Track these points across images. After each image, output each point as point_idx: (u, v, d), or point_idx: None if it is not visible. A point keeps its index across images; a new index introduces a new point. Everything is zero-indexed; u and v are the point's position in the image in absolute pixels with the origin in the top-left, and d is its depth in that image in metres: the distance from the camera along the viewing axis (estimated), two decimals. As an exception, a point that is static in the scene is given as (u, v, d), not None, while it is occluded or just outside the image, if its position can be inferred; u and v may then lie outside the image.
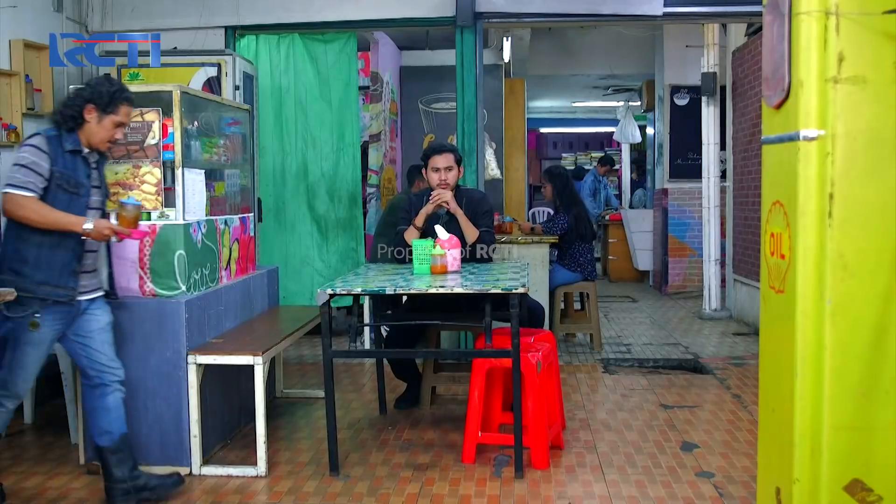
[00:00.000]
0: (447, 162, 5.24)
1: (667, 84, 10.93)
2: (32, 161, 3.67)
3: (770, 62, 2.81)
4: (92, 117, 3.81)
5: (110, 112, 3.83)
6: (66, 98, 3.88)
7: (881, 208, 2.54)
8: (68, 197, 3.75)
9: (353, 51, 7.42)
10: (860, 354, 2.56)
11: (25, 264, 3.69)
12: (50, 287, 3.70)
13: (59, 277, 3.73)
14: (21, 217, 3.65)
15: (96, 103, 3.80)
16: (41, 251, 3.70)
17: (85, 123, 3.81)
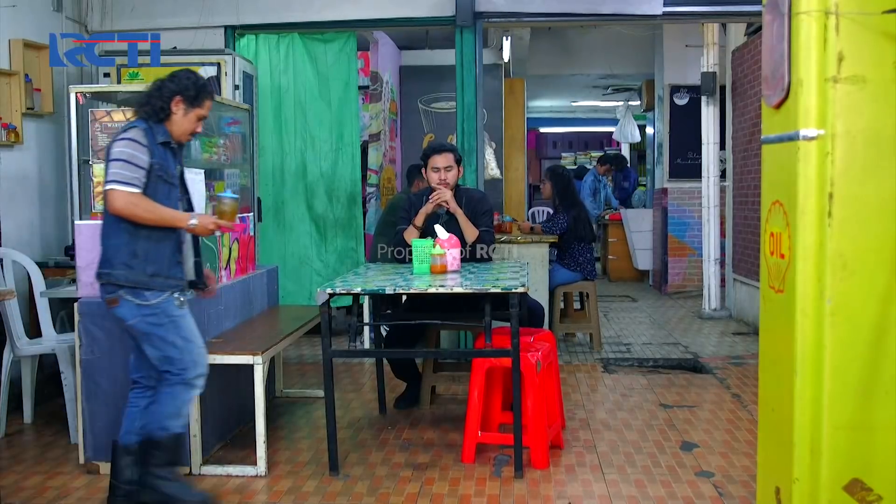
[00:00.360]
0: (447, 161, 5.23)
1: (666, 84, 10.93)
2: (132, 155, 3.65)
3: (770, 62, 2.80)
4: (179, 110, 3.82)
5: (196, 105, 3.85)
6: (150, 90, 3.85)
7: (881, 208, 2.54)
8: (167, 188, 3.79)
9: (353, 50, 7.42)
10: (860, 354, 2.56)
11: (135, 258, 3.71)
12: (161, 278, 3.74)
13: (168, 269, 3.78)
14: (131, 215, 3.65)
15: (184, 96, 3.81)
16: (149, 245, 3.72)
17: (171, 115, 3.81)
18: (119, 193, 3.62)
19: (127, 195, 3.63)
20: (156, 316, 3.73)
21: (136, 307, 3.71)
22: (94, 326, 4.31)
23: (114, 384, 4.31)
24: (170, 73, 3.89)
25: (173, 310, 3.78)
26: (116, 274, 3.70)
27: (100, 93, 4.96)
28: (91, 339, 4.32)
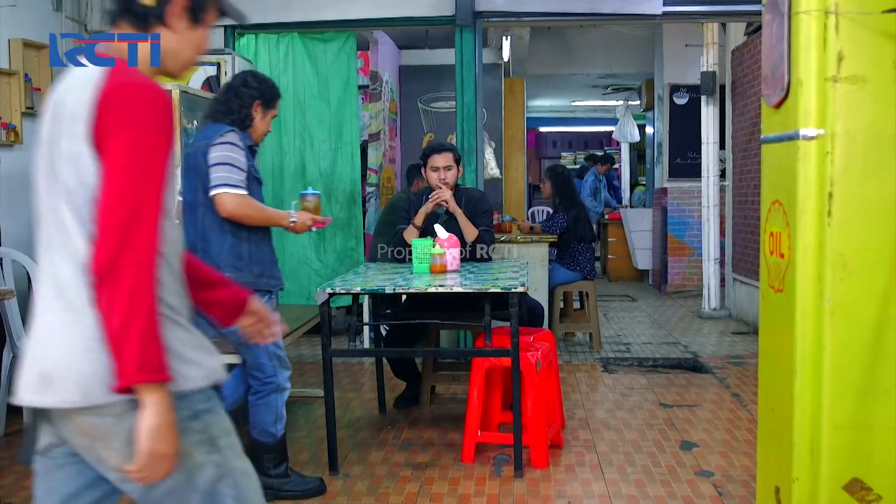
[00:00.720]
0: (446, 161, 5.23)
1: (666, 83, 10.93)
2: (235, 158, 3.74)
3: (769, 61, 2.81)
4: (258, 114, 3.93)
5: (271, 107, 3.98)
6: (228, 96, 3.92)
7: (881, 207, 2.54)
8: (259, 188, 3.92)
9: (353, 50, 7.42)
10: (860, 353, 2.56)
11: (241, 260, 3.80)
12: (266, 279, 3.88)
13: (271, 269, 3.92)
14: (242, 217, 3.77)
15: (262, 100, 3.92)
16: (251, 246, 3.83)
17: (253, 120, 3.91)
18: (230, 196, 3.70)
19: (237, 197, 3.72)
20: (266, 292, 3.84)
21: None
22: (93, 326, 4.30)
23: (113, 384, 4.30)
24: (240, 78, 3.98)
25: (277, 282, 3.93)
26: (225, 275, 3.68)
27: (99, 92, 4.96)
28: (91, 339, 4.30)
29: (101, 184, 1.75)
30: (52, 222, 1.84)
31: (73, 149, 1.79)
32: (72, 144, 1.79)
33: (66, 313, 1.80)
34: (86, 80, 1.88)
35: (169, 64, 2.05)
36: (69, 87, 1.91)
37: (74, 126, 1.80)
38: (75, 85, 1.91)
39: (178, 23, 2.00)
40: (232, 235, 3.80)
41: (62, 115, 1.84)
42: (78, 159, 1.79)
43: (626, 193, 15.61)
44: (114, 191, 1.73)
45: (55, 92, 1.94)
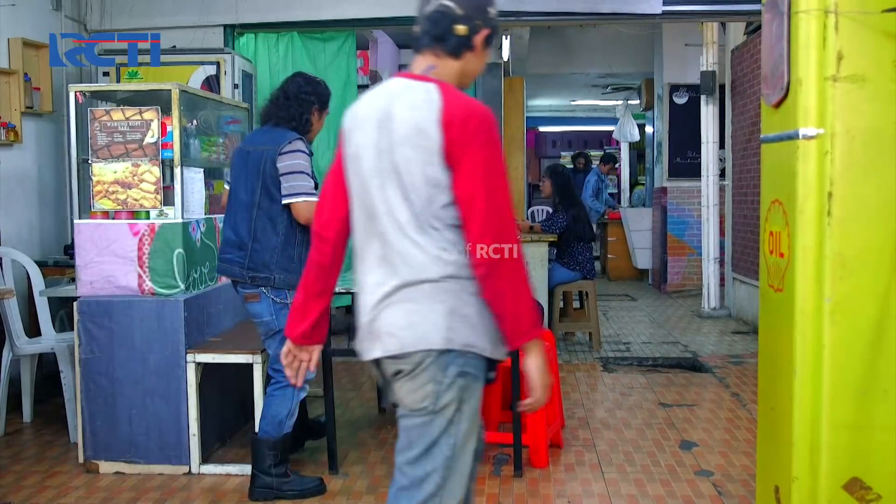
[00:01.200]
0: None
1: (666, 83, 10.93)
2: (306, 166, 3.96)
3: (769, 61, 2.81)
4: (315, 117, 4.15)
5: (325, 109, 4.19)
6: (289, 102, 4.07)
7: (880, 207, 2.54)
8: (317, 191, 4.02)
9: (352, 49, 7.41)
10: (859, 353, 2.56)
11: (292, 262, 3.96)
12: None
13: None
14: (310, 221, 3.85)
15: (319, 103, 4.14)
16: (301, 250, 3.95)
17: (312, 125, 4.14)
18: (307, 205, 3.87)
19: (314, 205, 3.73)
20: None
21: (274, 304, 3.97)
22: (93, 326, 4.31)
23: (113, 383, 4.31)
24: (295, 84, 4.12)
25: None
26: (274, 277, 3.96)
27: (99, 92, 4.96)
28: (90, 339, 4.32)
29: (470, 194, 2.19)
30: (384, 212, 2.26)
31: (421, 157, 2.20)
32: (419, 153, 2.20)
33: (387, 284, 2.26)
34: (423, 101, 2.23)
35: (466, 80, 2.42)
36: (401, 104, 2.25)
37: (423, 140, 2.19)
38: (409, 103, 2.24)
39: (479, 48, 2.38)
40: (284, 238, 3.97)
41: (398, 127, 2.23)
42: (426, 166, 2.20)
43: (626, 193, 15.61)
44: (486, 201, 2.17)
45: (373, 105, 2.33)
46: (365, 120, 2.33)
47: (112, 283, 4.35)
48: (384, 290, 2.27)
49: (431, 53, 2.37)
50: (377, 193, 2.28)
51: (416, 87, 2.28)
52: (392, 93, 2.32)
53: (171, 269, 4.34)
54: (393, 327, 2.25)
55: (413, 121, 2.21)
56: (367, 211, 2.32)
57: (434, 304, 2.23)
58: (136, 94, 4.79)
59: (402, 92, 2.30)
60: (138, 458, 4.34)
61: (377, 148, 2.27)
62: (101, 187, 4.35)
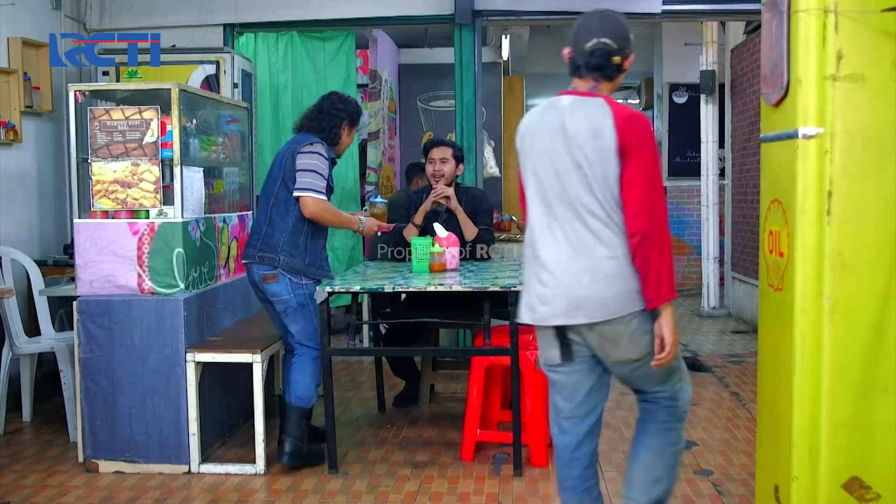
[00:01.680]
0: (442, 154, 5.25)
1: (665, 82, 10.93)
2: (322, 167, 4.36)
3: (769, 60, 2.81)
4: (344, 132, 4.56)
5: (355, 125, 4.62)
6: (322, 114, 4.51)
7: (880, 206, 2.54)
8: (331, 195, 4.51)
9: (352, 48, 7.41)
10: (859, 352, 2.56)
11: (297, 248, 4.38)
12: (315, 268, 4.45)
13: (321, 261, 4.50)
14: (321, 219, 4.40)
15: (349, 119, 4.56)
16: (307, 238, 4.41)
17: (340, 138, 4.55)
18: (313, 200, 4.31)
19: (319, 202, 4.33)
20: (305, 297, 4.37)
21: (292, 285, 4.38)
22: (93, 325, 4.31)
23: (112, 382, 4.32)
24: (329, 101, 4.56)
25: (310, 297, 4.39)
26: (279, 258, 4.37)
27: (99, 91, 4.95)
28: (90, 338, 4.32)
29: (632, 178, 2.74)
30: (572, 199, 2.82)
31: (599, 155, 2.77)
32: (597, 153, 2.77)
33: (589, 261, 2.78)
34: (597, 111, 2.81)
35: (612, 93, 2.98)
36: (577, 115, 2.84)
37: (601, 141, 2.76)
38: (585, 114, 2.83)
39: (627, 69, 2.96)
40: (293, 226, 4.37)
41: (577, 133, 2.81)
42: (605, 161, 2.76)
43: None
44: (644, 184, 2.72)
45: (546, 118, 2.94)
46: (541, 129, 2.93)
47: (112, 282, 4.35)
48: (578, 266, 2.81)
49: (591, 78, 2.94)
50: (563, 186, 2.84)
51: (587, 101, 2.86)
52: (562, 107, 2.90)
53: (171, 269, 4.34)
54: (599, 296, 2.79)
55: (591, 127, 2.79)
56: (551, 201, 2.89)
57: (628, 275, 2.78)
58: (135, 94, 4.79)
59: (573, 106, 2.88)
60: (138, 458, 4.34)
61: (557, 151, 2.85)
62: (100, 187, 4.35)
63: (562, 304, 2.83)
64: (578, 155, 2.80)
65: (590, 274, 2.78)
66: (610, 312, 2.78)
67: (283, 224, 4.38)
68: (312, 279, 4.43)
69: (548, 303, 2.86)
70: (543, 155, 2.90)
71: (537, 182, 2.93)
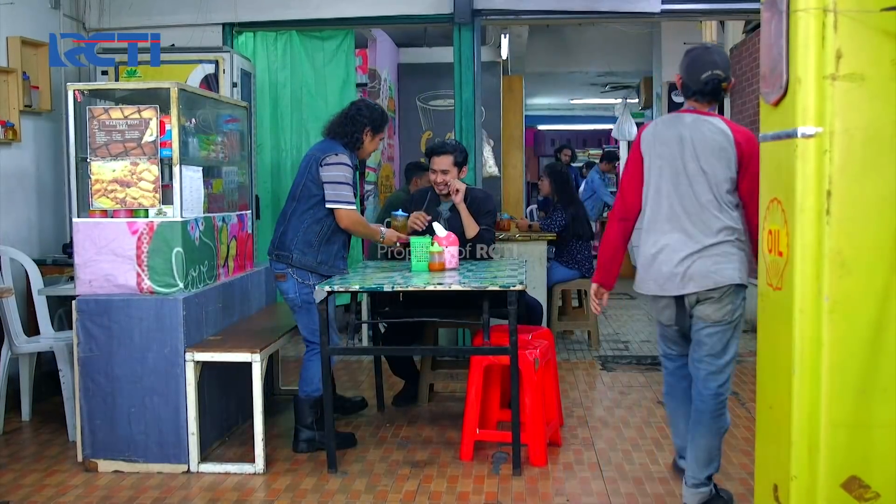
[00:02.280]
0: (444, 164, 5.22)
1: (664, 81, 10.91)
2: (348, 177, 4.61)
3: (768, 59, 2.81)
4: (367, 138, 4.77)
5: (379, 131, 4.81)
6: (344, 119, 4.73)
7: (879, 205, 2.54)
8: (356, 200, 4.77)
9: (351, 48, 7.41)
10: (858, 351, 2.56)
11: (309, 246, 4.61)
12: (326, 266, 4.64)
13: (334, 260, 4.69)
14: (355, 231, 4.76)
15: (372, 126, 4.74)
16: (321, 238, 4.63)
17: (362, 143, 4.75)
18: (348, 212, 4.61)
19: (352, 213, 4.64)
20: (311, 296, 4.50)
21: (298, 284, 4.60)
22: (92, 324, 4.31)
23: (111, 382, 4.31)
24: (354, 107, 4.80)
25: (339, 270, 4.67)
26: (292, 255, 4.61)
27: (98, 90, 4.95)
28: (89, 337, 4.32)
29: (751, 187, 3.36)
30: (694, 196, 3.56)
31: (723, 164, 3.53)
32: (722, 162, 3.53)
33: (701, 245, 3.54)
34: (719, 129, 3.57)
35: None
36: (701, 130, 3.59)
37: (724, 154, 3.53)
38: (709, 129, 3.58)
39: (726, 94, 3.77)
40: (308, 226, 4.61)
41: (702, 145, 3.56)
42: (726, 170, 3.53)
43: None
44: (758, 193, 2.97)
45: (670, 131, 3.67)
46: (666, 140, 3.66)
47: (111, 281, 4.35)
48: (693, 248, 3.56)
49: (706, 102, 3.67)
50: (687, 186, 3.58)
51: (709, 120, 3.62)
52: (685, 123, 3.64)
53: (170, 268, 4.34)
54: (707, 272, 3.54)
55: (715, 141, 3.55)
56: (673, 197, 3.61)
57: (731, 256, 3.55)
58: (134, 93, 4.78)
59: (695, 122, 3.62)
60: (137, 457, 4.34)
61: (683, 158, 3.59)
62: (99, 186, 4.35)
63: (675, 279, 3.60)
64: (704, 163, 3.55)
65: (701, 255, 3.55)
66: (716, 283, 3.55)
67: (299, 224, 4.62)
68: (323, 276, 4.61)
69: (668, 277, 3.61)
70: (668, 159, 3.63)
71: (660, 181, 3.66)
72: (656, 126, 3.75)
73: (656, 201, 3.66)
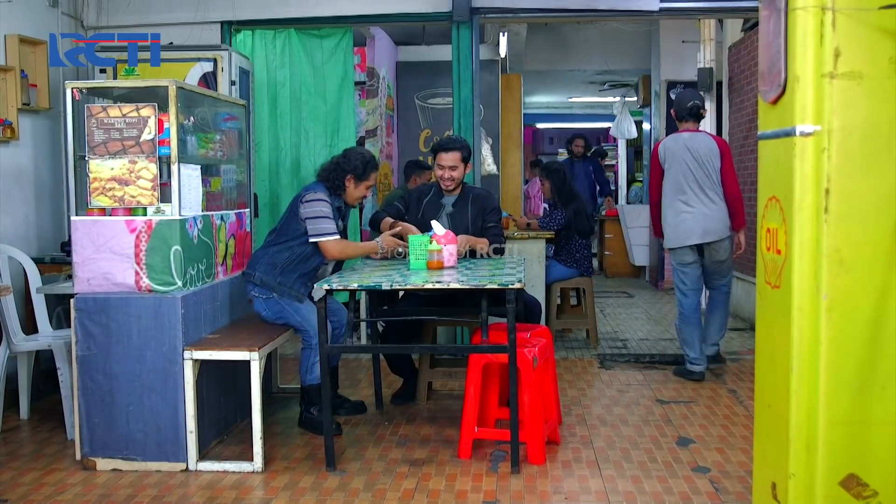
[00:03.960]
0: (452, 161, 5.23)
1: (663, 79, 10.92)
2: (326, 210, 4.82)
3: (766, 57, 2.81)
4: (350, 185, 4.95)
5: (364, 179, 4.96)
6: (330, 167, 4.97)
7: (877, 203, 2.54)
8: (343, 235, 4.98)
9: (349, 46, 7.40)
10: (856, 349, 2.57)
11: (273, 268, 4.82)
12: (286, 288, 4.82)
13: (293, 283, 4.84)
14: (345, 257, 4.98)
15: (355, 174, 4.92)
16: (286, 264, 4.83)
17: (346, 188, 4.95)
18: (332, 243, 4.81)
19: (336, 242, 4.83)
20: (278, 304, 4.81)
21: (262, 301, 4.85)
22: (90, 322, 4.31)
23: (110, 380, 4.31)
24: (345, 153, 5.05)
25: (290, 302, 4.82)
26: (256, 274, 4.84)
27: (96, 88, 4.95)
28: (87, 336, 4.31)
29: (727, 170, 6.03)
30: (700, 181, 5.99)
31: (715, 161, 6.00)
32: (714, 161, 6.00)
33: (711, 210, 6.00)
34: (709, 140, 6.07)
35: None
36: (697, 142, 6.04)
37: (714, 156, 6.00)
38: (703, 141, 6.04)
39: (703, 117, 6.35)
40: (276, 251, 4.85)
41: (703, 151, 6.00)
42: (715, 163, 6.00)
43: (623, 190, 15.61)
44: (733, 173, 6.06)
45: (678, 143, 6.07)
46: (677, 148, 6.02)
47: (109, 279, 4.35)
48: (706, 212, 5.96)
49: (693, 122, 6.12)
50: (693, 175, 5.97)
51: (701, 135, 6.11)
52: (686, 137, 6.05)
53: (169, 266, 4.34)
54: (717, 227, 5.97)
55: (708, 148, 5.99)
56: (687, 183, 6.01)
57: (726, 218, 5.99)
58: (132, 91, 4.78)
59: (693, 137, 6.04)
60: (135, 455, 4.34)
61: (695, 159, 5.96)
62: (97, 184, 4.35)
63: (699, 232, 5.99)
64: (706, 161, 5.97)
65: (712, 216, 5.96)
66: (721, 234, 5.99)
67: (272, 249, 4.88)
68: (282, 297, 4.82)
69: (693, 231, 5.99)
70: (683, 162, 6.00)
71: (676, 175, 6.04)
72: (668, 142, 6.14)
73: (674, 186, 6.05)
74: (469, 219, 5.29)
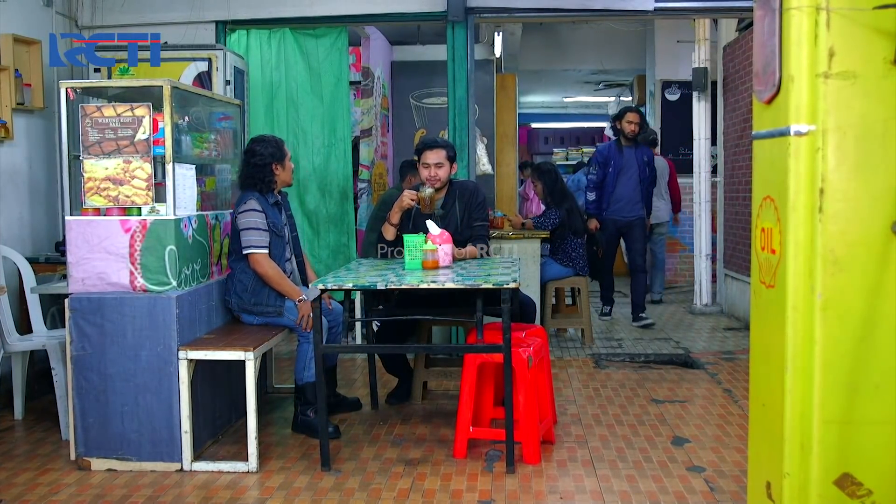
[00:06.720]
0: (437, 158, 5.21)
1: (658, 79, 10.94)
2: (258, 222, 4.77)
3: (761, 57, 2.81)
4: (279, 170, 4.92)
5: (284, 157, 4.95)
6: (249, 168, 4.86)
7: (871, 203, 2.54)
8: (278, 240, 4.90)
9: (345, 45, 7.40)
10: (850, 349, 2.57)
11: (245, 291, 4.85)
12: (263, 306, 4.84)
13: (268, 299, 4.84)
14: (265, 276, 4.77)
15: (275, 159, 4.88)
16: (254, 283, 4.83)
17: (276, 176, 4.90)
18: (257, 258, 4.76)
19: (265, 258, 4.77)
20: (265, 319, 4.86)
21: (249, 317, 4.90)
22: (84, 322, 4.30)
23: (104, 380, 4.31)
24: (249, 150, 4.90)
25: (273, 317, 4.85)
26: (231, 300, 4.88)
27: (90, 88, 4.94)
28: (82, 335, 4.31)
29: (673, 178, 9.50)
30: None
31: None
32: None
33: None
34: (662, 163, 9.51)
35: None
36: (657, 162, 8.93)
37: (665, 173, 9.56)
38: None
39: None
40: (238, 275, 4.86)
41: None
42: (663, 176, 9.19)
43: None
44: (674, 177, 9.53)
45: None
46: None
47: (104, 279, 4.34)
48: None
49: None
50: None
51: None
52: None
53: (163, 266, 4.33)
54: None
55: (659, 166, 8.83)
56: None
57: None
58: (127, 91, 4.77)
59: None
60: (130, 455, 4.33)
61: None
62: (92, 184, 4.34)
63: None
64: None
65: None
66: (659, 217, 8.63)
67: (235, 274, 4.89)
68: (260, 315, 4.86)
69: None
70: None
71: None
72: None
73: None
74: (458, 217, 5.27)
